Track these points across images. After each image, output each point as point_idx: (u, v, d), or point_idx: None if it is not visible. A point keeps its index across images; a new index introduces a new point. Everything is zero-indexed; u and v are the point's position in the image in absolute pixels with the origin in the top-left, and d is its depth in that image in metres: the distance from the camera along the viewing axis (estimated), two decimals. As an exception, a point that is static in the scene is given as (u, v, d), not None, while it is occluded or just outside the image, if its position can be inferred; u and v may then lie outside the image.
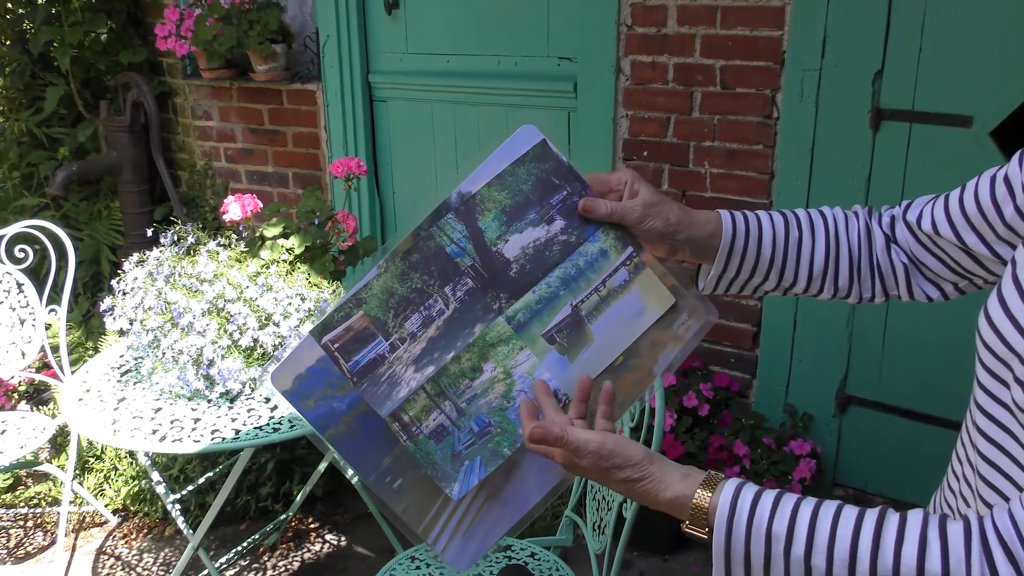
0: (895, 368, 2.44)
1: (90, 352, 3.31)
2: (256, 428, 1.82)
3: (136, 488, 2.83)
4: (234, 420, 1.85)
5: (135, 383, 2.04)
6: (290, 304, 1.91)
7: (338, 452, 0.90)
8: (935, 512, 0.92)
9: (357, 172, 2.27)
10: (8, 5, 3.63)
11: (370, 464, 0.91)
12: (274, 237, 2.07)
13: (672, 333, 0.95)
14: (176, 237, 2.04)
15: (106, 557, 2.67)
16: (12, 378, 2.88)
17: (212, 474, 2.64)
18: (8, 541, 2.75)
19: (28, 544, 2.74)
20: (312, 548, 2.67)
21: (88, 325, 3.53)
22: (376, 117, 3.29)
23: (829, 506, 0.76)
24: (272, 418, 1.86)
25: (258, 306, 1.89)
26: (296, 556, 2.64)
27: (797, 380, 2.58)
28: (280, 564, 2.61)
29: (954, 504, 0.88)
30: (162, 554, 2.67)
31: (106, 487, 2.87)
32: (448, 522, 0.91)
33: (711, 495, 0.78)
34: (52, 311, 2.59)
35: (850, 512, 0.75)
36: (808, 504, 0.76)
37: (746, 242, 0.96)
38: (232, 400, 1.92)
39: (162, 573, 2.58)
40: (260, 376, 1.90)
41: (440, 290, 0.92)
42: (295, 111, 3.37)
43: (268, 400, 1.93)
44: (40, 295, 2.61)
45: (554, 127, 2.87)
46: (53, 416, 2.84)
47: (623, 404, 0.93)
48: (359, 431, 0.91)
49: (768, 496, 0.77)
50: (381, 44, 3.20)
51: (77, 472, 2.82)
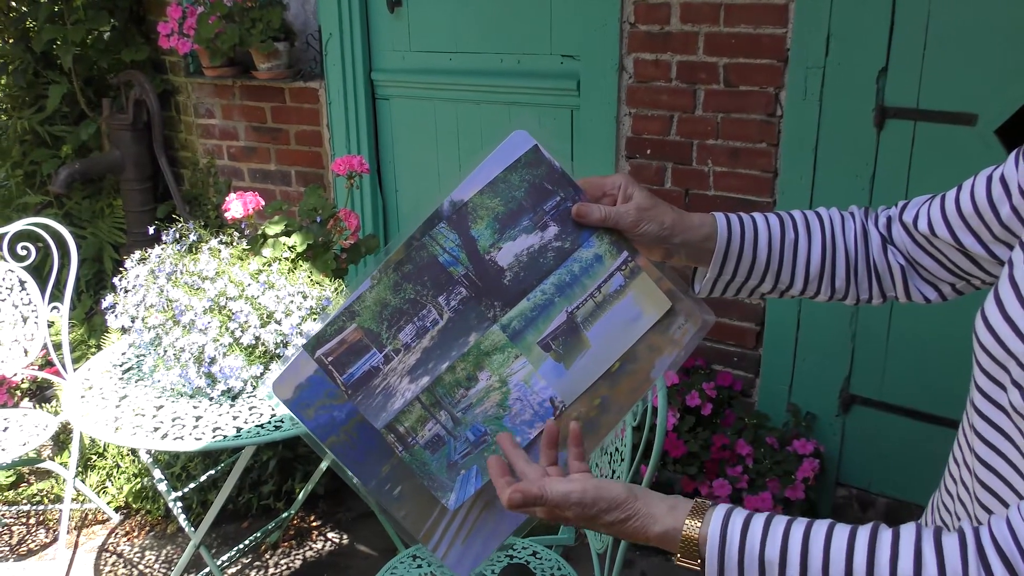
0: (899, 367, 2.43)
1: (93, 349, 3.32)
2: (257, 426, 1.82)
3: (138, 485, 2.83)
4: (235, 418, 1.85)
5: (137, 381, 2.04)
6: (292, 302, 1.90)
7: (338, 459, 0.90)
8: (932, 513, 0.92)
9: (359, 170, 2.26)
10: (11, 3, 3.63)
11: (369, 472, 0.90)
12: (276, 235, 2.07)
13: (669, 337, 0.94)
14: (178, 235, 2.04)
15: (108, 555, 2.67)
16: (15, 375, 2.88)
17: (214, 472, 2.64)
18: (10, 538, 2.76)
19: (30, 541, 2.74)
20: (314, 546, 2.67)
21: (91, 323, 3.53)
22: (379, 115, 3.28)
23: (820, 526, 0.75)
24: (274, 416, 1.86)
25: (260, 304, 1.89)
26: (298, 554, 2.64)
27: (800, 379, 2.57)
28: (282, 562, 2.61)
29: (951, 507, 0.87)
30: (164, 552, 2.67)
31: (108, 484, 2.88)
32: (448, 529, 0.90)
33: (700, 524, 0.77)
34: (55, 309, 2.59)
35: (842, 532, 0.74)
36: (799, 526, 0.75)
37: (742, 244, 0.96)
38: (234, 398, 1.92)
39: (164, 571, 2.59)
40: (262, 374, 1.90)
41: (434, 300, 0.92)
42: (297, 109, 3.37)
43: (270, 398, 1.93)
44: (43, 293, 2.61)
45: (557, 125, 2.86)
46: (55, 413, 2.84)
47: (621, 410, 0.93)
48: (358, 440, 0.90)
49: (758, 520, 0.76)
50: (384, 42, 3.19)
51: (79, 469, 2.82)
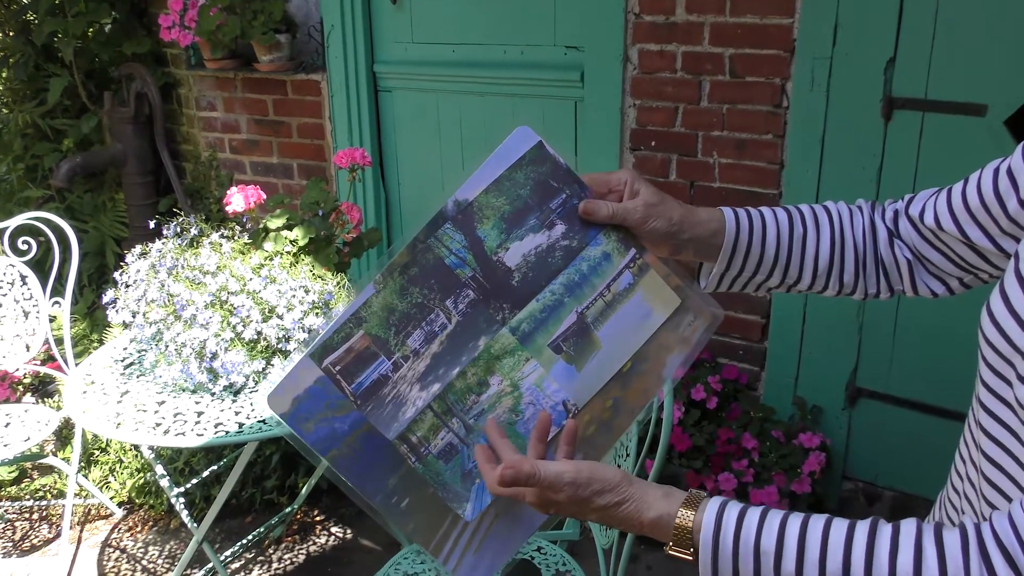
0: (906, 360, 2.41)
1: (95, 344, 3.31)
2: (259, 421, 1.81)
3: (141, 480, 2.82)
4: (237, 413, 1.84)
5: (138, 376, 2.02)
6: (294, 296, 1.89)
7: (341, 474, 0.87)
8: (940, 510, 0.91)
9: (361, 163, 2.25)
10: (12, -4, 3.62)
11: (375, 485, 0.87)
12: (278, 229, 2.05)
13: (679, 335, 0.92)
14: (179, 229, 2.02)
15: (111, 550, 2.66)
16: (17, 371, 2.87)
17: (217, 467, 2.63)
18: (14, 534, 2.75)
19: (33, 537, 2.74)
20: (317, 541, 2.66)
21: (93, 317, 3.52)
22: (381, 107, 3.26)
23: (818, 519, 0.74)
24: (276, 411, 1.85)
25: (261, 298, 1.87)
26: (301, 549, 2.63)
27: (806, 372, 2.55)
28: (285, 557, 2.60)
29: (958, 504, 0.86)
30: (167, 547, 2.66)
31: (111, 479, 2.87)
32: (459, 540, 0.88)
33: (694, 513, 0.76)
34: (56, 303, 2.58)
35: (840, 525, 0.72)
36: (796, 518, 0.74)
37: (750, 239, 0.94)
38: (236, 393, 1.91)
39: (167, 566, 2.58)
40: (264, 369, 1.88)
41: (441, 304, 0.89)
42: (299, 102, 3.35)
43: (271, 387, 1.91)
44: (44, 287, 2.60)
45: (560, 117, 2.84)
46: (58, 409, 2.84)
47: (633, 411, 0.91)
48: (362, 452, 0.87)
49: (754, 512, 0.75)
50: (386, 34, 3.17)
51: (82, 465, 2.82)
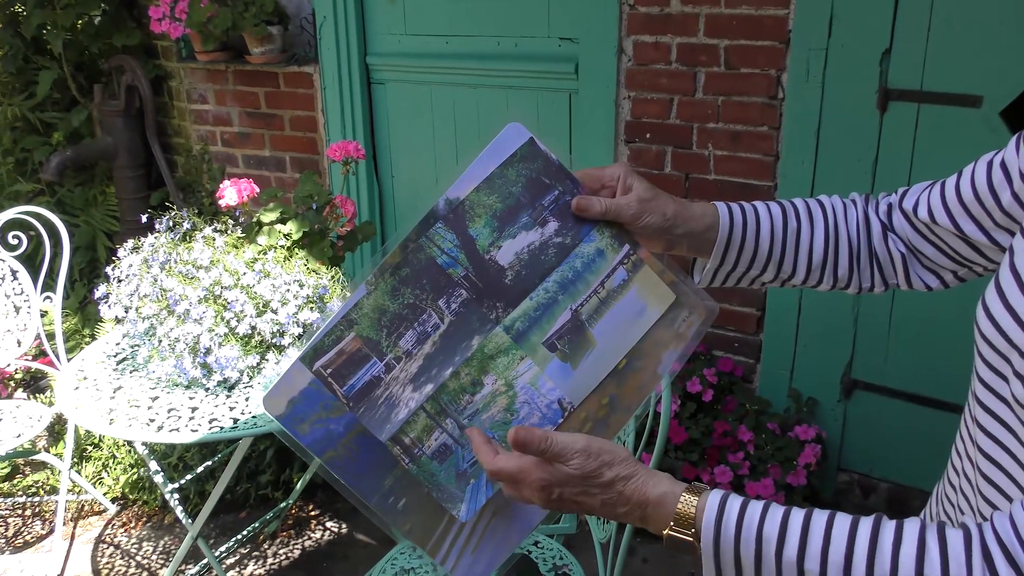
0: (901, 352, 2.41)
1: (87, 339, 3.29)
2: (254, 417, 1.80)
3: (135, 476, 2.81)
4: (232, 409, 1.83)
5: (131, 371, 2.01)
6: (288, 290, 1.87)
7: (337, 475, 0.86)
8: (936, 504, 0.91)
9: (355, 156, 2.23)
10: (0, -13, 3.58)
11: (372, 486, 0.87)
12: (271, 222, 2.04)
13: (674, 331, 0.91)
14: (171, 223, 2.00)
15: (105, 546, 2.65)
16: (8, 366, 2.85)
17: (211, 462, 2.62)
18: (6, 530, 2.74)
19: (26, 533, 2.72)
20: (313, 536, 2.65)
21: (85, 312, 3.50)
22: (374, 100, 3.24)
23: (821, 513, 0.74)
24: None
25: (255, 293, 1.86)
26: (296, 544, 2.62)
27: (802, 365, 2.55)
28: (280, 552, 2.59)
29: (954, 499, 0.86)
30: (162, 542, 2.65)
31: (104, 475, 2.85)
32: (456, 541, 0.87)
33: (697, 499, 0.76)
34: (47, 298, 2.56)
35: (844, 518, 0.72)
36: (799, 510, 0.74)
37: (744, 234, 0.94)
38: (230, 388, 1.90)
39: (162, 562, 2.57)
40: (258, 364, 1.87)
41: (434, 304, 0.88)
42: (292, 94, 3.33)
43: (266, 389, 1.90)
44: (35, 282, 2.58)
45: (555, 109, 2.82)
46: (50, 404, 2.82)
47: (629, 408, 0.90)
48: (358, 453, 0.86)
49: (757, 503, 0.75)
50: (379, 25, 3.15)
51: (75, 460, 2.80)
